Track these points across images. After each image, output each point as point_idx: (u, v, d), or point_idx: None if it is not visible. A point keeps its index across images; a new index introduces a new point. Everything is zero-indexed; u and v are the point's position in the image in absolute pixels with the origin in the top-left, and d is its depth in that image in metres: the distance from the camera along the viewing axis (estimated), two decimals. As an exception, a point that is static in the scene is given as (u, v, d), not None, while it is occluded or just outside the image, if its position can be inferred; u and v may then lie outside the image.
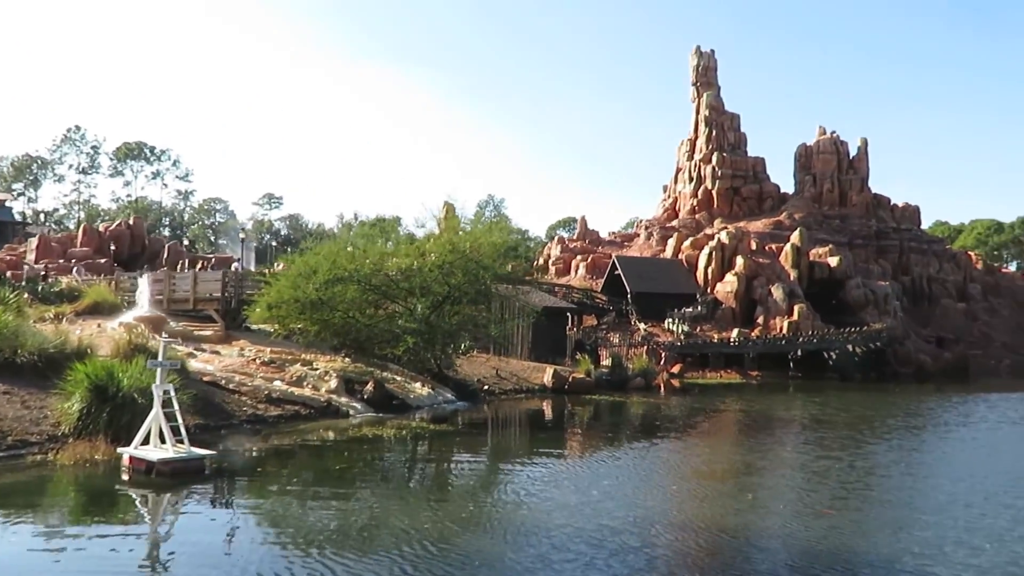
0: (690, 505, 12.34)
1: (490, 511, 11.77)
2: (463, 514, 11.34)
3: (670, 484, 13.96)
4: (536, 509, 11.68)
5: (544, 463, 16.45)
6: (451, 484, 14.30)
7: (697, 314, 51.85)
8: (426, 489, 13.90)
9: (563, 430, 23.85)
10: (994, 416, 27.13)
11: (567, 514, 11.15)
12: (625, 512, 11.33)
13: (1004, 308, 66.29)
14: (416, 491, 13.66)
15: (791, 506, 12.60)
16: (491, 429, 23.16)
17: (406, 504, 12.18)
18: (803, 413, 28.32)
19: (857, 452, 18.20)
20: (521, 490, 13.49)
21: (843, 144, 70.73)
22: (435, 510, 11.61)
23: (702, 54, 73.47)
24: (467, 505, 12.05)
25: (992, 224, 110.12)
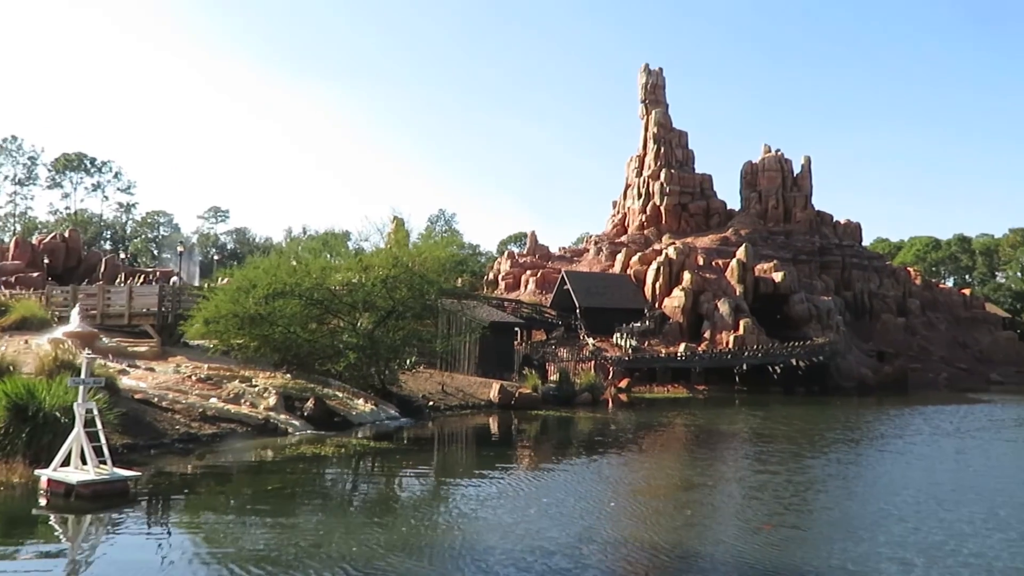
0: (627, 523, 12.21)
1: (424, 533, 11.47)
2: (395, 537, 11.03)
3: (609, 501, 13.81)
4: (470, 530, 11.43)
5: (485, 481, 16.20)
6: (388, 504, 13.94)
7: (645, 329, 52.17)
8: (361, 510, 13.53)
9: (507, 447, 23.61)
10: (929, 428, 27.67)
11: (500, 535, 10.92)
12: (559, 531, 11.14)
13: (941, 323, 68.14)
14: (352, 512, 13.30)
15: (729, 522, 12.56)
16: (434, 446, 22.85)
17: (337, 526, 11.82)
18: (746, 427, 28.55)
19: (796, 466, 18.34)
20: (458, 510, 13.23)
21: (787, 162, 72.17)
22: (369, 532, 11.29)
23: (650, 72, 74.44)
24: (401, 527, 11.74)
25: (930, 241, 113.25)
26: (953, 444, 23.51)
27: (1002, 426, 29.34)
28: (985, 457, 20.88)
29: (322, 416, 23.48)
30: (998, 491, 15.33)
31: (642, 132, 74.23)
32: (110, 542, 10.97)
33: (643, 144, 73.79)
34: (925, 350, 62.82)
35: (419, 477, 17.17)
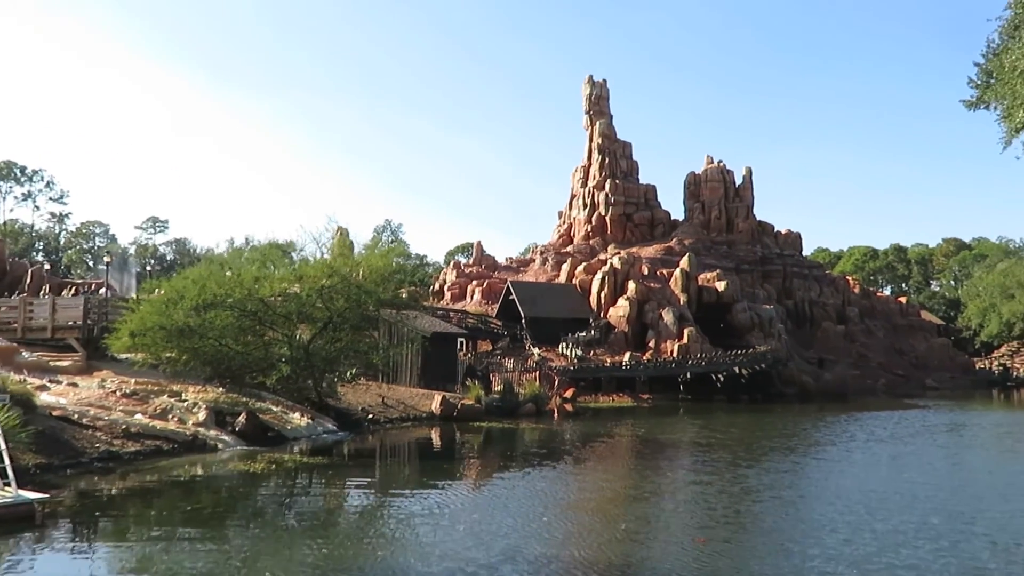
0: (556, 539, 11.89)
1: (343, 554, 10.97)
2: (324, 555, 10.58)
3: (542, 515, 13.46)
4: (394, 550, 11.02)
5: (418, 497, 15.75)
6: (320, 522, 13.38)
7: (591, 338, 52.17)
8: (293, 528, 12.92)
9: (446, 460, 23.12)
10: (864, 435, 28.00)
11: (418, 556, 10.54)
12: (483, 552, 10.76)
13: (879, 330, 69.64)
14: (284, 531, 12.70)
15: (662, 536, 12.34)
16: (372, 461, 22.29)
17: (269, 545, 11.33)
18: (688, 436, 28.55)
19: (733, 476, 18.27)
20: (386, 528, 12.79)
21: (729, 173, 73.12)
22: (302, 550, 10.86)
23: (594, 83, 74.85)
24: (329, 546, 11.25)
25: (868, 251, 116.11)
26: (887, 450, 23.76)
27: (935, 431, 29.85)
28: (918, 464, 21.10)
29: (255, 431, 22.76)
30: (930, 499, 15.42)
31: (587, 143, 74.54)
32: (6, 572, 10.25)
33: (588, 155, 74.10)
34: (864, 357, 64.07)
35: (354, 493, 16.66)
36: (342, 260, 26.26)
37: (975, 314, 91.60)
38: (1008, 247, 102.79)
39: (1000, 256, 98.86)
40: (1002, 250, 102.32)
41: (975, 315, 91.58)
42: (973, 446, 26.25)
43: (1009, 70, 19.34)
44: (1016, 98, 19.43)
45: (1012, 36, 19.97)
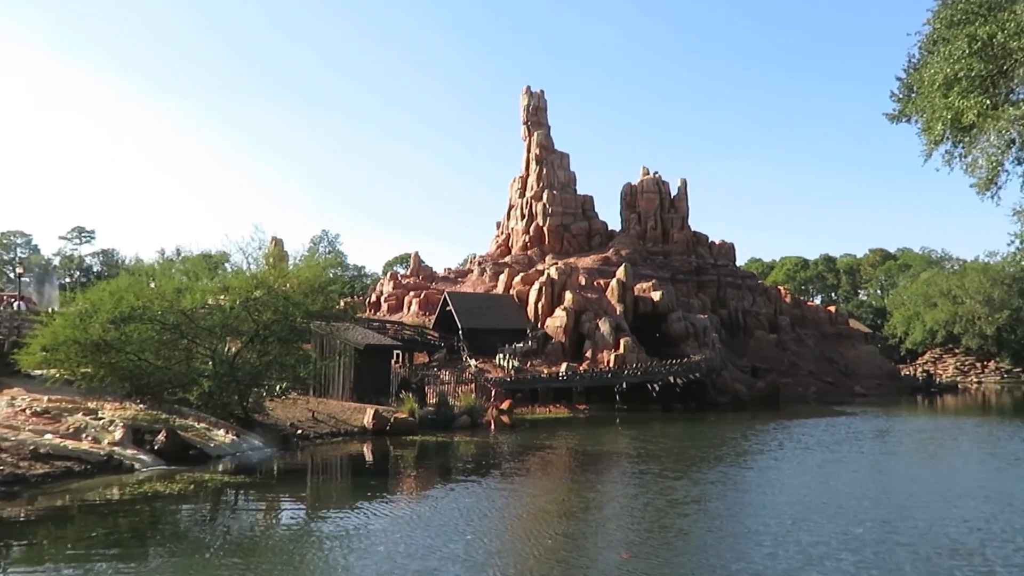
0: (478, 558, 11.55)
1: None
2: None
3: (465, 534, 13.11)
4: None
5: (342, 516, 15.22)
6: (224, 546, 12.75)
7: (528, 349, 52.03)
8: (196, 553, 12.29)
9: (374, 476, 22.53)
10: (791, 443, 28.39)
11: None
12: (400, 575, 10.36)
13: (810, 339, 71.21)
14: (181, 557, 12.06)
15: (588, 552, 12.12)
16: (298, 478, 21.53)
17: (184, 571, 10.66)
18: (622, 447, 28.50)
19: (662, 488, 18.18)
20: (300, 551, 12.26)
21: (665, 184, 74.10)
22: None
23: (532, 94, 75.13)
24: (234, 573, 10.69)
25: (799, 261, 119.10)
26: (814, 459, 24.07)
27: (861, 438, 30.44)
28: (843, 472, 21.37)
29: (175, 449, 21.84)
30: (854, 508, 15.55)
31: (524, 153, 74.72)
32: None
33: (525, 165, 74.27)
34: (795, 365, 65.39)
35: (274, 513, 16.04)
36: (268, 271, 25.44)
37: (900, 322, 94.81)
38: (931, 257, 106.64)
39: (923, 266, 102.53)
40: (925, 260, 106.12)
41: (900, 323, 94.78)
42: (897, 452, 26.80)
43: (928, 84, 19.81)
44: (935, 111, 19.91)
45: (931, 51, 20.49)
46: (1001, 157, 20.41)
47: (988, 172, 21.97)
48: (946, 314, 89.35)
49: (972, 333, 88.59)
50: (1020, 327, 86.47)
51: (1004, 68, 18.74)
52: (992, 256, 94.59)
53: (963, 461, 24.44)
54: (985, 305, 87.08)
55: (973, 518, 14.63)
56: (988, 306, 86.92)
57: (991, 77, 18.94)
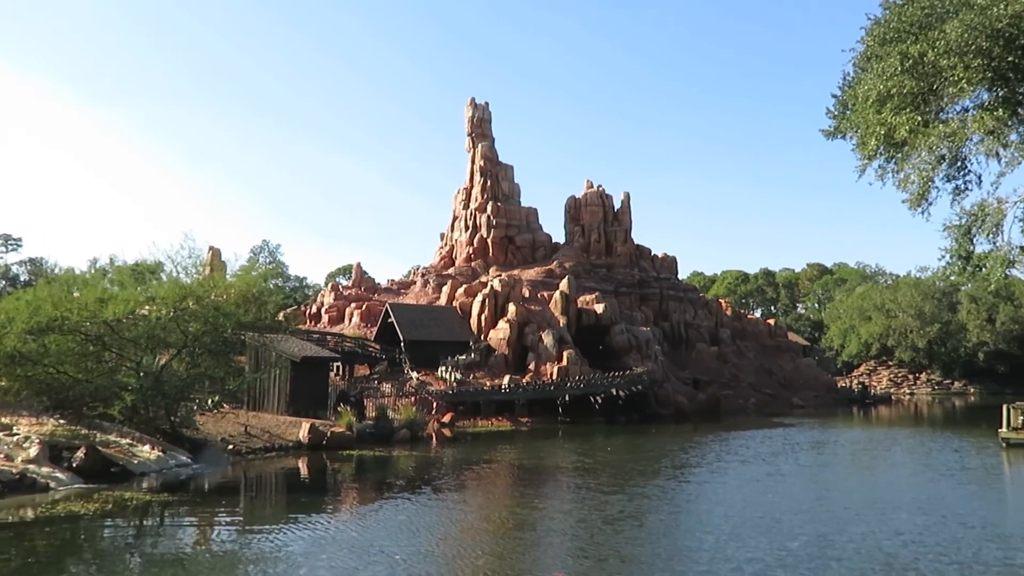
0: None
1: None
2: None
3: (395, 554, 12.62)
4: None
5: (265, 536, 14.56)
6: (140, 570, 12.05)
7: (471, 361, 51.56)
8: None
9: (306, 493, 21.78)
10: (730, 456, 28.49)
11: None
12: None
13: (750, 351, 72.23)
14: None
15: (519, 571, 11.72)
16: (225, 496, 20.67)
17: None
18: (562, 461, 28.24)
19: (600, 503, 17.93)
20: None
21: (609, 197, 74.49)
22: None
23: (476, 106, 74.96)
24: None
25: (740, 275, 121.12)
26: (752, 471, 24.13)
27: (798, 450, 30.74)
28: (780, 485, 21.43)
29: (96, 467, 20.88)
30: (790, 521, 15.51)
31: (469, 165, 74.45)
32: None
33: (470, 177, 73.98)
34: (736, 377, 66.19)
35: (194, 533, 15.28)
36: (198, 281, 24.52)
37: (836, 335, 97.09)
38: (865, 272, 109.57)
39: (858, 280, 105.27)
40: (860, 275, 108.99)
41: (836, 336, 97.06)
42: (833, 464, 27.09)
43: (862, 100, 20.08)
44: (868, 127, 20.20)
45: (864, 68, 20.80)
46: (931, 173, 20.81)
47: (919, 188, 22.39)
48: (880, 327, 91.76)
49: (905, 346, 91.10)
50: (950, 340, 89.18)
51: (934, 86, 19.11)
52: (923, 271, 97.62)
53: (897, 472, 24.79)
54: (917, 319, 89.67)
55: (907, 531, 14.70)
56: (920, 320, 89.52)
57: (922, 94, 19.28)
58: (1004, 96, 18.77)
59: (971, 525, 15.41)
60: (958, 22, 17.48)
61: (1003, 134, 20.01)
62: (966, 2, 18.33)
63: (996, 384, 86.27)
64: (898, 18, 19.45)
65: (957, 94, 18.86)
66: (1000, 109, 18.64)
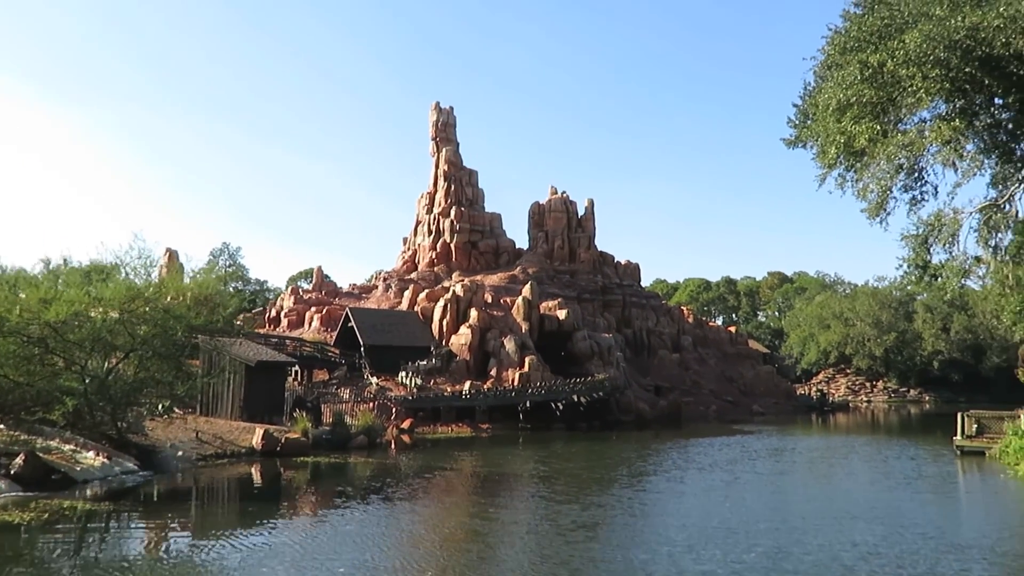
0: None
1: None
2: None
3: (338, 566, 12.15)
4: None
5: (203, 549, 14.02)
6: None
7: (431, 367, 51.00)
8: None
9: (253, 502, 21.13)
10: (687, 464, 28.39)
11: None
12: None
13: (711, 358, 72.61)
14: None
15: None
16: (167, 505, 19.85)
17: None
18: (520, 468, 27.94)
19: (553, 513, 17.62)
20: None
21: (572, 203, 74.44)
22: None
23: (441, 110, 74.49)
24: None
25: (702, 282, 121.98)
26: (710, 480, 24.02)
27: (758, 458, 30.75)
28: (737, 493, 21.33)
29: (35, 474, 20.08)
30: (747, 532, 15.35)
31: (433, 169, 73.92)
32: None
33: (434, 181, 73.46)
34: (697, 384, 66.45)
35: (128, 546, 14.68)
36: (146, 283, 23.74)
37: (796, 343, 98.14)
38: (824, 281, 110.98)
39: (818, 289, 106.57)
40: (819, 283, 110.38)
41: (796, 344, 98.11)
42: (790, 472, 27.09)
43: (822, 109, 20.13)
44: (828, 135, 20.24)
45: (825, 77, 20.86)
46: (890, 183, 20.93)
47: (878, 197, 22.55)
48: (838, 336, 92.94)
49: (862, 354, 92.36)
50: (906, 349, 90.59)
51: (893, 96, 19.20)
52: (881, 281, 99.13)
53: (854, 481, 24.84)
54: (874, 327, 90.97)
55: (863, 542, 14.59)
56: (877, 328, 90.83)
57: (881, 104, 19.38)
58: (961, 107, 18.94)
59: (928, 535, 15.37)
60: (917, 32, 17.57)
61: (960, 144, 20.20)
62: (925, 13, 18.46)
63: (950, 392, 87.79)
64: (858, 28, 19.54)
65: (915, 104, 18.97)
66: (957, 119, 18.79)
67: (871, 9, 19.72)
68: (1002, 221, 23.49)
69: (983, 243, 23.80)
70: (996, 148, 21.10)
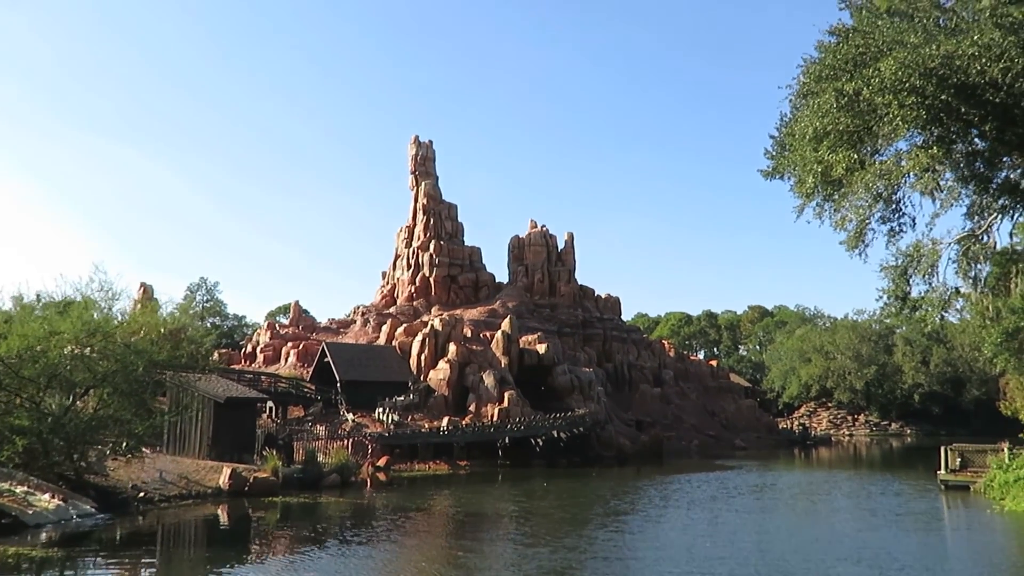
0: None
1: None
2: None
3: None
4: None
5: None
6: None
7: (409, 402, 50.10)
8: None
9: (212, 547, 20.08)
10: (666, 502, 27.68)
11: None
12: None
13: (693, 392, 72.06)
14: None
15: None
16: (123, 551, 18.73)
17: None
18: (495, 508, 27.10)
19: (521, 557, 16.87)
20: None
21: (552, 237, 74.18)
22: None
23: (420, 144, 74.35)
24: None
25: (683, 316, 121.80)
26: (689, 519, 23.33)
27: (740, 494, 30.10)
28: (718, 534, 20.68)
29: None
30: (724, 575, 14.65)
31: (412, 203, 73.55)
32: None
33: (412, 215, 73.06)
34: (679, 418, 65.81)
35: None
36: (104, 316, 22.88)
37: (777, 377, 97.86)
38: (804, 314, 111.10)
39: (798, 323, 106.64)
40: (799, 317, 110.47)
41: (777, 378, 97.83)
42: (773, 510, 26.39)
43: (799, 137, 19.83)
44: (805, 164, 19.93)
45: (800, 106, 20.61)
46: (868, 212, 20.62)
47: (856, 228, 22.25)
48: (819, 369, 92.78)
49: (843, 387, 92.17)
50: (886, 382, 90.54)
51: (870, 124, 18.96)
52: (860, 314, 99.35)
53: (838, 518, 24.20)
54: (855, 360, 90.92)
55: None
56: (857, 361, 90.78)
57: (858, 132, 19.12)
58: (939, 135, 18.69)
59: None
60: (892, 60, 17.34)
61: (938, 173, 19.96)
62: (899, 41, 18.25)
63: (931, 425, 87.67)
64: (833, 56, 19.32)
65: (892, 133, 18.72)
66: (935, 147, 18.54)
67: (846, 38, 19.52)
68: (980, 252, 23.21)
69: (962, 274, 23.48)
70: (974, 178, 20.85)
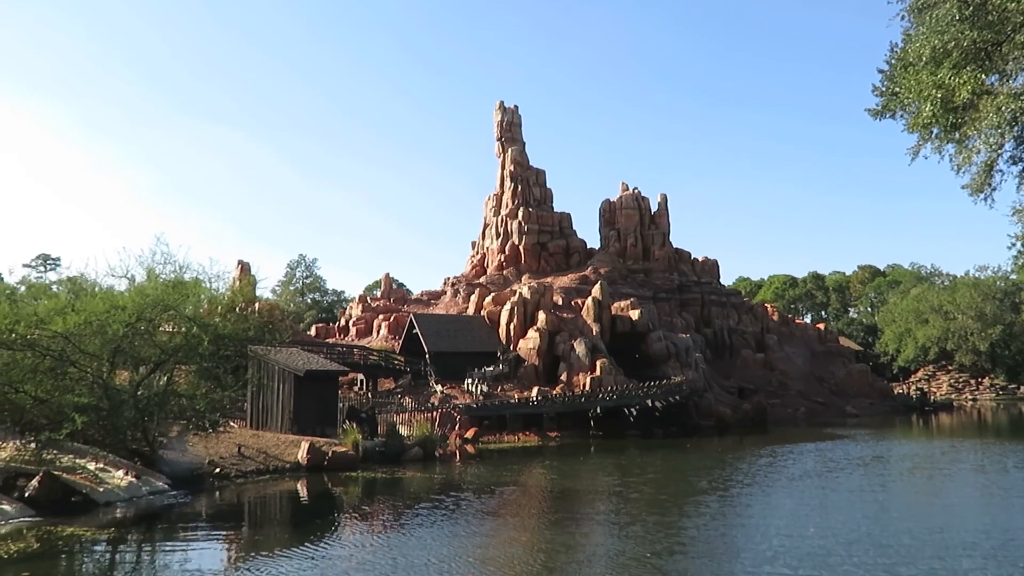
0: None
1: None
2: None
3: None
4: None
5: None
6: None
7: (498, 373, 49.06)
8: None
9: (287, 526, 19.17)
10: (777, 475, 25.40)
11: None
12: None
13: (799, 357, 68.40)
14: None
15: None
16: (193, 529, 18.08)
17: None
18: (589, 483, 25.43)
19: (617, 537, 15.18)
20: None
21: (645, 200, 71.51)
22: None
23: (506, 110, 72.69)
24: None
25: (787, 279, 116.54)
26: (804, 494, 21.10)
27: (855, 466, 27.50)
28: (830, 515, 18.43)
29: (52, 496, 18.85)
30: (847, 558, 12.61)
31: (499, 170, 72.14)
32: None
33: (500, 183, 71.67)
34: (784, 385, 62.55)
35: None
36: (164, 289, 22.23)
37: (891, 339, 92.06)
38: (920, 273, 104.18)
39: (913, 282, 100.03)
40: (915, 276, 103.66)
41: (891, 340, 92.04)
42: (891, 486, 23.60)
43: (914, 59, 17.09)
44: (923, 90, 17.15)
45: (916, 22, 17.79)
46: (1001, 140, 17.68)
47: (982, 169, 19.34)
48: (938, 330, 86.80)
49: (965, 349, 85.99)
50: (1014, 342, 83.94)
51: (1000, 39, 16.12)
52: (982, 271, 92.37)
53: (963, 497, 21.42)
54: (977, 320, 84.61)
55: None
56: (980, 321, 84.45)
57: (986, 49, 16.32)
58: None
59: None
60: (1030, -45, 14.53)
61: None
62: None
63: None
64: (956, -43, 16.52)
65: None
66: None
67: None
68: None
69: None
70: None
